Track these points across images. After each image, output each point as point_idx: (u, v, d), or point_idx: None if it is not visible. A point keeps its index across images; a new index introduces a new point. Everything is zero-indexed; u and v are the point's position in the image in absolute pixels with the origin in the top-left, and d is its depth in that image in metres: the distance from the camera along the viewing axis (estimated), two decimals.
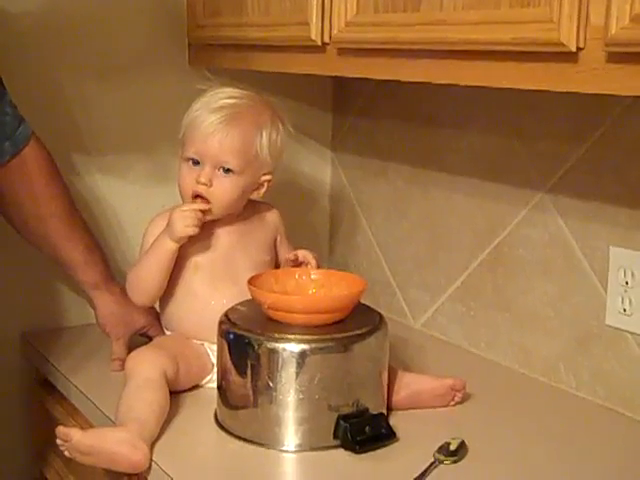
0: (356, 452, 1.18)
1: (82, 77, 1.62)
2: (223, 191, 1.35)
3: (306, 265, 1.40)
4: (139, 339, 1.50)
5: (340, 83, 1.84)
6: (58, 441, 1.17)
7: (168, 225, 1.34)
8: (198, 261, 1.38)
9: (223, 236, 1.40)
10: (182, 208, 1.34)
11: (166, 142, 1.67)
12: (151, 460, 1.16)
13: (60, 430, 1.17)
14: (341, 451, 1.19)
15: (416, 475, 1.11)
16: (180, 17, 1.68)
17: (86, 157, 1.65)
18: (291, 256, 1.40)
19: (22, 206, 1.41)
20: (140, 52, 1.67)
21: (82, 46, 1.62)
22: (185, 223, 1.32)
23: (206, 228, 1.37)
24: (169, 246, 1.34)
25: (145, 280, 1.36)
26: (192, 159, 1.36)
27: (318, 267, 1.40)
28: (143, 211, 1.63)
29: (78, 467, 1.38)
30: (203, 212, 1.34)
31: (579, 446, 1.23)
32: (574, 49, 0.95)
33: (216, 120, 1.34)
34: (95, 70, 1.63)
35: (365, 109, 1.81)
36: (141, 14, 1.66)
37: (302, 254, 1.40)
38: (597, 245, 1.35)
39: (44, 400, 1.58)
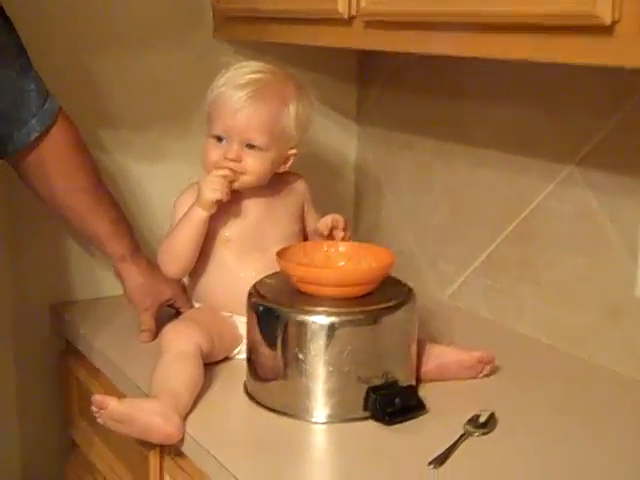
0: (386, 424, 1.18)
1: (105, 50, 1.62)
2: (251, 166, 1.35)
3: (336, 228, 1.39)
4: (166, 310, 1.51)
5: (365, 55, 1.83)
6: (93, 408, 1.18)
7: (198, 196, 1.34)
8: (227, 234, 1.39)
9: (251, 208, 1.41)
10: (209, 175, 1.34)
11: (191, 115, 1.68)
12: (184, 432, 1.17)
13: (96, 398, 1.18)
14: (371, 423, 1.19)
15: (446, 447, 1.12)
16: None
17: (111, 131, 1.65)
18: (324, 230, 1.39)
19: (50, 180, 1.41)
20: (164, 24, 1.66)
21: (104, 19, 1.61)
22: (213, 187, 1.32)
23: (234, 201, 1.37)
24: (200, 215, 1.34)
25: (177, 251, 1.36)
26: (219, 136, 1.36)
27: (346, 227, 1.40)
28: (169, 184, 1.63)
29: (108, 435, 1.40)
30: (231, 179, 1.34)
31: (608, 418, 1.23)
32: (609, 22, 0.93)
33: (243, 96, 1.34)
34: (118, 43, 1.63)
35: (390, 82, 1.80)
36: None
37: (330, 218, 1.40)
38: (626, 217, 1.34)
39: (75, 370, 1.60)
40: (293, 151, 1.41)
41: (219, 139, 1.36)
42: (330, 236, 1.40)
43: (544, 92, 1.46)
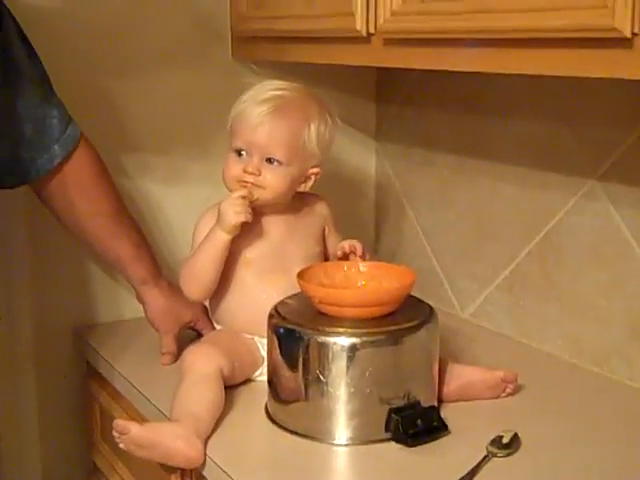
0: (408, 445, 1.17)
1: (124, 74, 1.62)
2: (271, 180, 1.35)
3: (354, 254, 1.39)
4: (188, 333, 1.51)
5: (384, 72, 1.83)
6: (114, 433, 1.18)
7: (218, 217, 1.34)
8: (249, 255, 1.38)
9: (273, 229, 1.40)
10: (229, 198, 1.34)
11: (210, 136, 1.68)
12: (205, 455, 1.16)
13: (118, 423, 1.18)
14: (393, 444, 1.18)
15: (469, 469, 1.10)
16: (223, 10, 1.68)
17: (131, 154, 1.65)
18: (339, 253, 1.39)
19: (71, 205, 1.42)
20: (183, 46, 1.67)
21: (124, 42, 1.62)
22: (235, 210, 1.32)
23: (255, 221, 1.37)
24: (222, 238, 1.33)
25: (199, 274, 1.36)
26: (239, 150, 1.36)
27: (364, 255, 1.39)
28: (189, 206, 1.64)
29: (130, 458, 1.40)
30: (251, 199, 1.33)
31: (634, 438, 1.21)
32: (629, 35, 0.92)
33: (264, 111, 1.34)
34: (138, 66, 1.64)
35: (409, 98, 1.80)
36: (184, 7, 1.66)
37: (348, 244, 1.40)
38: None
39: (96, 393, 1.60)
40: (315, 170, 1.40)
41: (239, 153, 1.36)
42: (345, 258, 1.40)
43: (564, 106, 1.45)
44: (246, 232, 1.36)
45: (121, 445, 1.19)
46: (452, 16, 1.15)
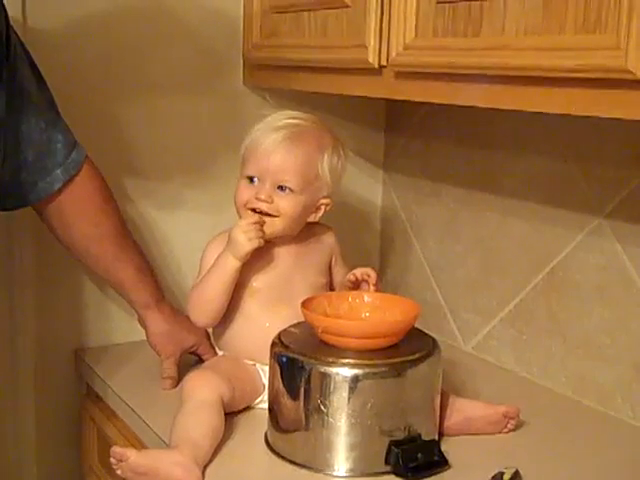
0: (408, 479, 1.16)
1: (134, 99, 1.63)
2: (283, 208, 1.35)
3: (366, 282, 1.39)
4: (189, 357, 1.51)
5: (394, 104, 1.83)
6: (112, 460, 1.17)
7: (229, 243, 1.33)
8: (255, 284, 1.38)
9: (280, 258, 1.40)
10: (241, 223, 1.33)
11: (217, 164, 1.69)
12: None
13: (115, 450, 1.17)
14: (392, 477, 1.17)
15: None
16: (236, 37, 1.69)
17: (136, 180, 1.65)
18: (351, 277, 1.39)
19: (73, 228, 1.42)
20: (193, 72, 1.67)
21: (135, 67, 1.62)
22: (248, 236, 1.32)
23: (263, 251, 1.37)
24: (233, 264, 1.33)
25: (208, 300, 1.35)
26: (251, 177, 1.36)
27: (377, 284, 1.39)
28: (194, 233, 1.65)
29: None
30: (262, 225, 1.34)
31: (636, 478, 1.21)
32: None
33: (279, 138, 1.35)
34: (147, 91, 1.64)
35: (418, 130, 1.80)
36: (196, 34, 1.67)
37: (360, 272, 1.39)
38: None
39: (95, 416, 1.59)
40: (326, 200, 1.40)
41: (251, 180, 1.36)
42: (357, 287, 1.39)
43: (573, 143, 1.46)
44: (254, 261, 1.36)
45: (119, 472, 1.18)
46: (465, 52, 1.15)
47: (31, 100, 1.31)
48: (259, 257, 1.37)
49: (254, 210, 1.35)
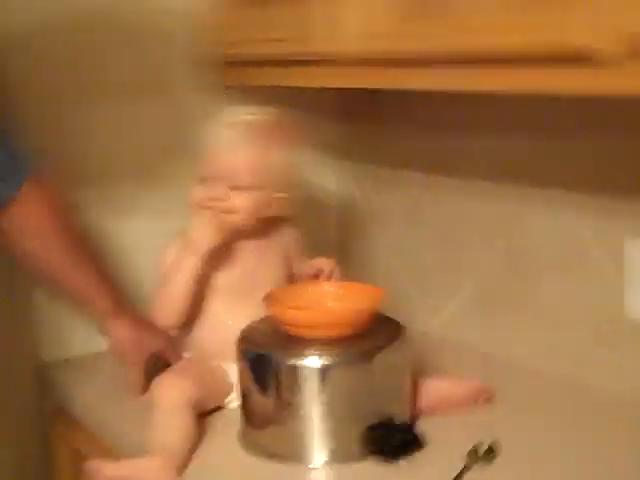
0: (385, 462, 1.17)
1: (93, 105, 1.60)
2: (239, 204, 1.34)
3: (323, 272, 1.38)
4: (154, 363, 1.49)
5: (345, 91, 1.82)
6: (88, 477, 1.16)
7: (188, 243, 1.33)
8: (216, 281, 1.38)
9: (240, 254, 1.39)
10: (196, 221, 1.33)
11: (171, 167, 1.67)
12: None
13: (90, 465, 1.16)
14: (369, 462, 1.17)
15: None
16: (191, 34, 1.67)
17: (93, 188, 1.62)
18: (308, 269, 1.39)
19: (26, 243, 1.40)
20: (148, 76, 1.65)
21: (95, 72, 1.60)
22: (209, 231, 1.32)
23: (223, 248, 1.36)
24: (193, 263, 1.33)
25: (174, 302, 1.35)
26: (205, 178, 1.36)
27: (330, 275, 1.39)
28: (150, 239, 1.62)
29: None
30: (218, 221, 1.33)
31: (608, 439, 1.22)
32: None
33: (230, 136, 1.34)
34: (107, 98, 1.61)
35: (373, 116, 1.80)
36: (170, 32, 1.64)
37: (318, 262, 1.39)
38: (611, 238, 1.35)
39: (64, 433, 1.57)
40: (282, 194, 1.40)
41: (207, 181, 1.36)
42: (316, 278, 1.40)
43: (526, 120, 1.46)
44: (214, 259, 1.35)
45: None
46: (419, 37, 1.15)
47: None
48: (219, 255, 1.36)
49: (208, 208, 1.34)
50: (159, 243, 1.42)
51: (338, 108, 1.87)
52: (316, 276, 1.41)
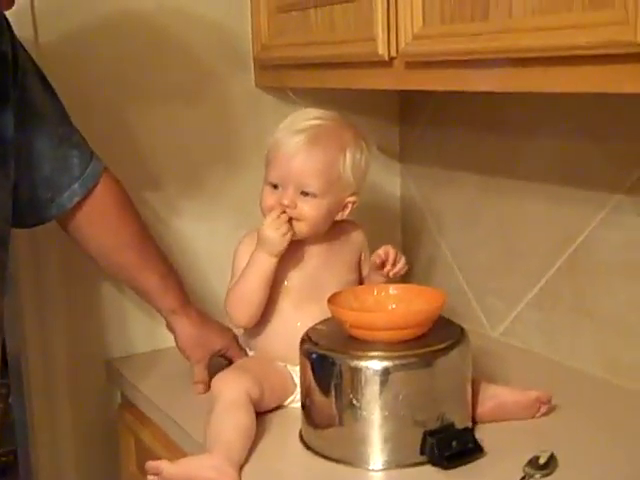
0: (444, 468, 1.16)
1: (149, 108, 1.63)
2: (307, 213, 1.35)
3: (388, 260, 1.39)
4: (219, 361, 1.52)
5: (406, 94, 1.83)
6: (149, 477, 1.18)
7: (261, 243, 1.34)
8: (285, 283, 1.38)
9: (309, 257, 1.40)
10: (269, 221, 1.34)
11: (237, 166, 1.69)
12: None
13: (149, 465, 1.18)
14: (429, 467, 1.17)
15: None
16: (245, 39, 1.69)
17: (157, 187, 1.66)
18: (376, 260, 1.39)
19: (96, 239, 1.42)
20: (204, 77, 1.68)
21: (147, 77, 1.63)
22: (282, 232, 1.32)
23: (293, 250, 1.37)
24: (270, 261, 1.34)
25: (248, 300, 1.36)
26: (274, 183, 1.36)
27: (395, 262, 1.39)
28: (217, 236, 1.66)
29: None
30: (290, 220, 1.34)
31: None
32: None
33: (299, 142, 1.34)
34: (161, 99, 1.64)
35: (432, 119, 1.80)
36: (205, 37, 1.67)
37: (383, 250, 1.39)
38: None
39: (131, 424, 1.60)
40: (352, 199, 1.40)
41: (275, 186, 1.36)
42: (382, 267, 1.39)
43: (588, 121, 1.45)
44: (284, 260, 1.36)
45: None
46: (474, 37, 1.15)
47: (43, 117, 1.31)
48: (289, 257, 1.37)
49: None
50: (226, 239, 1.45)
51: (400, 111, 1.87)
52: (382, 264, 1.39)
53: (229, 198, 1.71)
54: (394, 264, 1.40)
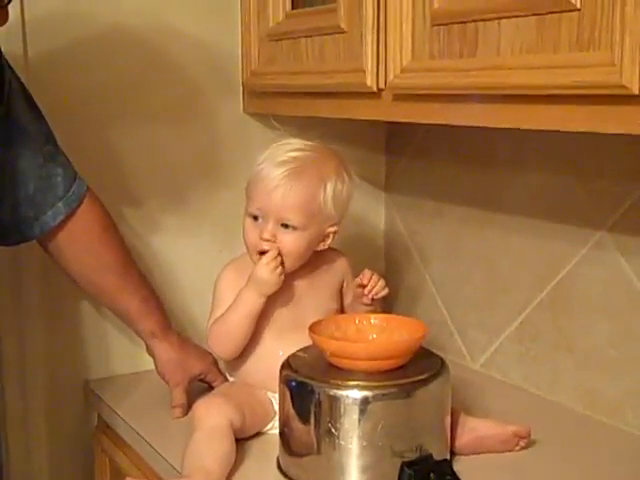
0: None
1: (134, 130, 1.64)
2: (287, 246, 1.35)
3: (369, 283, 1.39)
4: (198, 385, 1.51)
5: (393, 125, 1.85)
6: None
7: (255, 283, 1.33)
8: (266, 311, 1.38)
9: (291, 285, 1.40)
10: (265, 262, 1.33)
11: (217, 190, 1.70)
12: None
13: None
14: None
15: None
16: (234, 65, 1.71)
17: (139, 209, 1.66)
18: (357, 282, 1.39)
19: (77, 259, 1.42)
20: (193, 101, 1.69)
21: (134, 99, 1.64)
22: (278, 273, 1.33)
23: None
24: (260, 302, 1.34)
25: (234, 337, 1.36)
26: (255, 215, 1.36)
27: (375, 285, 1.39)
28: (198, 260, 1.66)
29: None
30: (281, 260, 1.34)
31: None
32: (637, 92, 0.94)
33: (279, 175, 1.33)
34: (148, 122, 1.65)
35: (418, 151, 1.81)
36: (195, 59, 1.68)
37: (364, 275, 1.39)
38: None
39: (107, 447, 1.59)
40: (333, 229, 1.40)
41: (256, 218, 1.36)
42: (362, 287, 1.40)
43: (572, 159, 1.46)
44: None
45: None
46: (461, 73, 1.16)
47: (28, 136, 1.31)
48: None
49: (262, 253, 1.35)
50: (207, 263, 1.46)
51: (386, 142, 1.89)
52: (362, 286, 1.39)
53: (212, 218, 1.71)
54: (374, 284, 1.40)
